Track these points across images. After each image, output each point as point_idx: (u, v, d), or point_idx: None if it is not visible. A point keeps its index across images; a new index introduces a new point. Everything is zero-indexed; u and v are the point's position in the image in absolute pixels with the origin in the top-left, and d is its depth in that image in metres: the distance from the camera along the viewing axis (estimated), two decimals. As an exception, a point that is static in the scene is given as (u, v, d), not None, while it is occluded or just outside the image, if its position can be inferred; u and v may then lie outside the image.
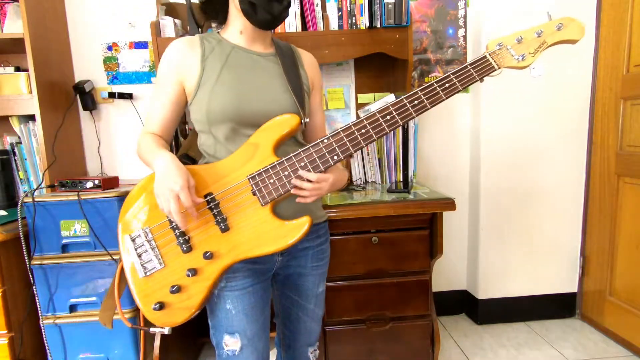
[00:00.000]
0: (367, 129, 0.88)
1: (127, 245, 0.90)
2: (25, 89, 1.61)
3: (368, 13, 1.68)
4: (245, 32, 0.97)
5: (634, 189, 1.75)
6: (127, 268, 0.90)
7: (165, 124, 0.97)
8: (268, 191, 0.88)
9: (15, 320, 1.42)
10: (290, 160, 0.88)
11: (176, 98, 0.96)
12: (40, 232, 1.41)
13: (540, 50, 0.85)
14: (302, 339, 1.10)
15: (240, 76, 0.94)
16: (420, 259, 1.46)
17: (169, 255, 0.88)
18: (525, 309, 2.08)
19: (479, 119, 1.96)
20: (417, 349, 1.51)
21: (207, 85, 0.91)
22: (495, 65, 0.87)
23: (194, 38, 0.97)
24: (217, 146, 0.94)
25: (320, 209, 1.07)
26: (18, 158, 1.72)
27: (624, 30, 1.75)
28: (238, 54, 0.96)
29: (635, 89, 1.72)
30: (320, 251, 1.05)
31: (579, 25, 0.84)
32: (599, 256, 1.95)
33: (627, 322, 1.80)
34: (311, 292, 1.05)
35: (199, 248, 0.87)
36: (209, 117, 0.91)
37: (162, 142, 0.96)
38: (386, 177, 1.82)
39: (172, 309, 0.87)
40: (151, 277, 0.88)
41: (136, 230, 0.90)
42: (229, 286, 0.93)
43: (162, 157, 0.87)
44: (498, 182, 1.99)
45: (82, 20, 1.85)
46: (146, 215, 0.90)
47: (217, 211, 0.88)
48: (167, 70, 0.94)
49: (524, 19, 1.85)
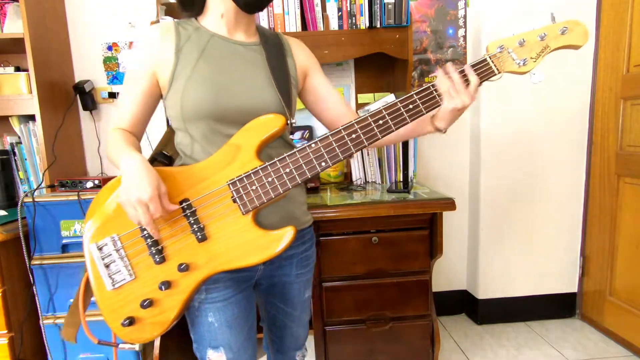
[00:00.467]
0: (358, 134, 0.81)
1: (93, 255, 0.81)
2: (25, 89, 1.61)
3: (368, 13, 1.68)
4: (227, 16, 0.88)
5: (634, 189, 1.75)
6: (93, 279, 0.82)
7: (136, 120, 0.88)
8: (250, 199, 0.80)
9: (15, 320, 1.42)
10: (275, 166, 0.81)
11: (148, 91, 0.87)
12: (40, 232, 1.41)
13: (543, 55, 0.81)
14: (289, 344, 1.06)
15: (218, 68, 0.85)
16: (420, 259, 1.46)
17: (140, 266, 0.81)
18: (525, 309, 2.08)
19: (479, 119, 1.96)
20: (417, 349, 1.51)
21: (182, 78, 0.83)
22: (495, 69, 0.82)
23: (168, 24, 0.87)
24: (194, 146, 0.86)
25: (306, 213, 1.00)
26: (18, 158, 1.72)
27: (624, 30, 1.75)
28: (217, 43, 0.87)
29: (635, 89, 1.72)
30: (305, 257, 0.99)
31: (584, 30, 0.79)
32: (599, 256, 1.95)
33: (627, 322, 1.80)
34: (297, 299, 1.00)
35: (173, 259, 0.80)
36: (183, 113, 0.83)
37: (132, 139, 0.87)
38: (386, 177, 1.82)
39: (143, 325, 0.80)
40: (120, 289, 0.80)
41: (103, 238, 0.81)
42: (210, 298, 0.86)
43: (129, 158, 0.78)
44: (498, 182, 1.99)
45: (82, 20, 1.85)
46: (114, 222, 0.81)
47: (193, 219, 0.80)
48: (139, 61, 0.86)
49: (524, 19, 1.86)
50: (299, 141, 1.86)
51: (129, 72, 0.88)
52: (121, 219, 0.81)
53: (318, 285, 1.46)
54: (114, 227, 0.81)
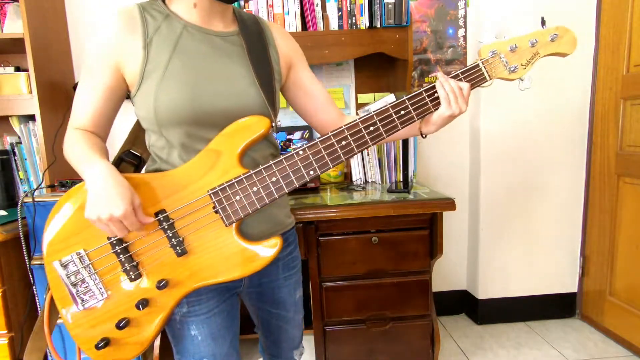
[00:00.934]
0: (348, 140, 0.77)
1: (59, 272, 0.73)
2: (25, 89, 1.61)
3: (368, 13, 1.68)
4: (201, 6, 0.78)
5: (634, 189, 1.75)
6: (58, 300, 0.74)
7: (98, 118, 0.78)
8: (234, 210, 0.74)
9: (15, 320, 1.42)
10: (260, 174, 0.75)
11: (112, 86, 0.76)
12: (41, 232, 1.41)
13: (532, 62, 0.80)
14: (286, 346, 1.03)
15: (194, 65, 0.75)
16: (420, 259, 1.46)
17: (112, 284, 0.73)
18: (525, 309, 2.08)
19: (479, 119, 1.96)
20: (417, 349, 1.51)
21: (153, 78, 0.73)
22: (487, 75, 0.80)
23: (131, 10, 0.76)
24: (170, 150, 0.78)
25: (289, 215, 0.96)
26: (18, 158, 1.72)
27: (624, 30, 1.75)
28: (191, 36, 0.77)
29: (635, 89, 1.72)
30: (291, 259, 0.96)
31: (573, 38, 0.79)
32: (599, 256, 1.95)
33: (627, 322, 1.80)
34: (288, 301, 0.97)
35: (150, 275, 0.74)
36: (157, 118, 0.74)
37: (96, 141, 0.77)
38: (386, 177, 1.82)
39: (120, 345, 0.74)
40: (92, 309, 0.73)
41: (67, 254, 0.73)
42: (193, 311, 0.81)
43: (94, 167, 0.70)
44: (498, 182, 1.98)
45: (82, 20, 1.85)
46: (79, 236, 0.73)
47: (171, 232, 0.74)
48: (98, 52, 0.75)
49: (524, 19, 1.86)
50: (299, 141, 1.86)
51: (88, 64, 0.77)
52: (87, 232, 0.73)
53: (318, 285, 1.46)
54: (79, 242, 0.73)
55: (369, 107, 1.78)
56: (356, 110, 1.98)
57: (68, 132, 0.79)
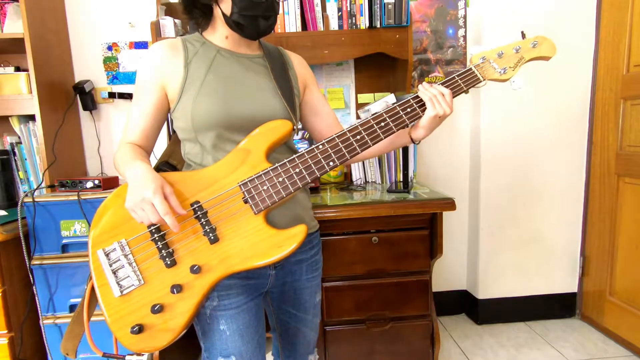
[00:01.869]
0: (362, 135, 0.87)
1: (101, 261, 0.80)
2: (25, 89, 1.61)
3: (368, 13, 1.68)
4: (231, 38, 0.93)
5: (634, 189, 1.75)
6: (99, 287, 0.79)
7: (145, 133, 0.90)
8: (261, 198, 0.82)
9: (15, 320, 1.42)
10: (285, 167, 0.84)
11: (158, 105, 0.89)
12: (40, 232, 1.41)
13: (519, 64, 0.92)
14: (302, 350, 1.07)
15: (226, 79, 0.88)
16: (420, 259, 1.46)
17: (149, 271, 0.79)
18: (526, 309, 2.08)
19: (479, 119, 1.96)
20: (417, 349, 1.51)
21: (192, 91, 0.86)
22: (480, 77, 0.92)
23: (175, 41, 0.91)
24: (204, 154, 0.89)
25: (313, 218, 1.03)
26: (18, 158, 1.72)
27: (624, 30, 1.75)
28: (223, 57, 0.91)
29: (635, 89, 1.72)
30: (314, 262, 1.02)
31: (551, 44, 0.92)
32: (599, 256, 1.95)
33: (627, 322, 1.80)
34: (309, 303, 1.02)
35: (184, 261, 0.80)
36: (194, 123, 0.86)
37: (141, 151, 0.89)
38: (386, 177, 1.82)
39: (153, 332, 0.77)
40: (128, 296, 0.78)
41: (111, 243, 0.80)
42: (222, 305, 0.87)
43: (135, 167, 0.80)
44: (498, 182, 1.99)
45: (82, 20, 1.85)
46: (122, 227, 0.81)
47: (205, 221, 0.81)
48: (148, 75, 0.88)
49: (525, 19, 1.86)
50: (299, 141, 1.86)
51: (138, 86, 0.90)
52: (129, 224, 0.81)
53: (318, 285, 1.46)
54: (121, 232, 0.81)
55: (369, 107, 1.78)
56: (356, 110, 1.98)
57: (118, 146, 0.90)
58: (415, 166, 1.85)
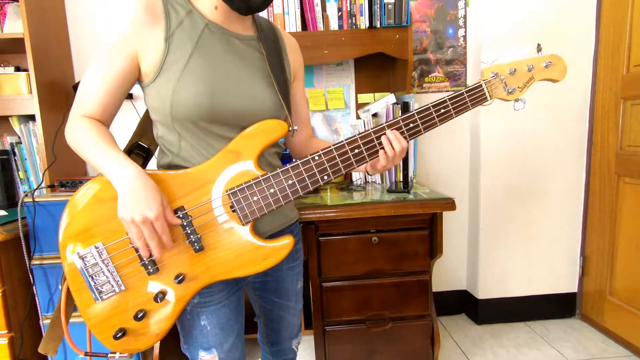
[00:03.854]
0: (360, 149, 0.82)
1: (76, 265, 0.74)
2: (25, 89, 1.61)
3: (368, 13, 1.68)
4: (221, 10, 0.81)
5: (634, 189, 1.75)
6: (75, 291, 0.75)
7: (106, 107, 0.77)
8: (251, 210, 0.78)
9: (15, 320, 1.42)
10: (277, 177, 0.78)
11: (124, 73, 0.76)
12: (40, 232, 1.41)
13: (528, 85, 0.88)
14: (285, 335, 1.08)
15: (214, 64, 0.77)
16: (420, 259, 1.46)
17: (130, 277, 0.75)
18: (525, 309, 2.08)
19: (479, 119, 1.96)
20: (417, 349, 1.51)
21: (173, 72, 0.74)
22: (488, 95, 0.86)
23: (155, 1, 0.76)
24: (182, 144, 0.80)
25: (293, 209, 1.00)
26: (18, 158, 1.72)
27: (624, 30, 1.75)
28: (213, 34, 0.79)
29: (635, 89, 1.72)
30: (295, 251, 1.00)
31: (564, 67, 0.87)
32: (599, 256, 1.95)
33: (627, 322, 1.80)
34: (291, 291, 1.02)
35: (168, 269, 0.76)
36: (173, 112, 0.75)
37: (108, 135, 0.77)
38: (386, 177, 1.82)
39: (137, 335, 0.76)
40: (108, 301, 0.75)
41: (86, 246, 0.73)
42: (202, 302, 0.84)
43: (124, 168, 0.71)
44: (498, 182, 1.98)
45: (82, 20, 1.85)
46: (97, 228, 0.73)
47: (190, 229, 0.76)
48: (117, 38, 0.74)
49: (525, 19, 1.86)
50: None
51: (103, 49, 0.75)
52: (107, 225, 0.74)
53: (318, 285, 1.46)
54: (97, 235, 0.74)
55: (369, 107, 1.78)
56: (356, 110, 1.98)
57: (73, 119, 0.77)
58: (415, 166, 1.85)
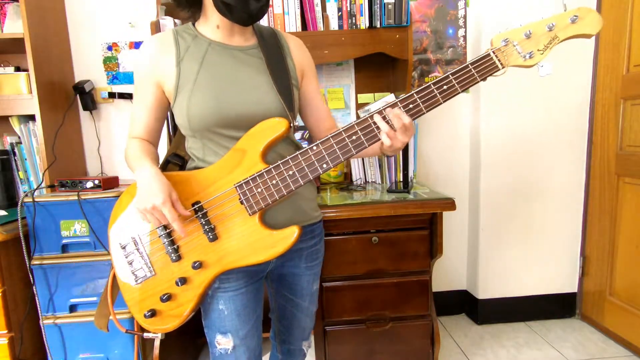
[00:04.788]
0: (358, 135, 0.83)
1: (118, 253, 0.91)
2: (25, 89, 1.61)
3: (368, 13, 1.68)
4: (223, 27, 0.91)
5: (634, 189, 1.75)
6: (119, 275, 0.91)
7: (149, 128, 0.94)
8: (256, 200, 0.85)
9: (15, 320, 1.42)
10: (278, 169, 0.85)
11: (156, 101, 0.92)
12: (40, 232, 1.41)
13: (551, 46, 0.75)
14: (296, 334, 1.10)
15: (219, 77, 0.88)
16: (420, 259, 1.46)
17: (158, 264, 0.88)
18: (525, 309, 2.08)
19: (479, 119, 1.96)
20: (417, 349, 1.51)
21: (185, 91, 0.86)
22: (499, 64, 0.77)
23: (167, 35, 0.90)
24: (205, 150, 0.91)
25: (316, 209, 1.05)
26: (18, 158, 1.72)
27: (624, 30, 1.75)
28: (215, 52, 0.90)
29: (635, 89, 1.72)
30: (315, 251, 1.03)
31: (597, 17, 0.73)
32: (599, 256, 1.95)
33: (627, 322, 1.80)
34: (305, 290, 1.05)
35: (187, 257, 0.87)
36: (190, 123, 0.87)
37: (149, 147, 0.93)
38: (386, 177, 1.82)
39: (163, 317, 0.88)
40: (142, 284, 0.89)
41: (125, 237, 0.90)
42: (222, 287, 0.92)
43: (143, 170, 0.84)
44: (498, 182, 1.98)
45: (82, 20, 1.85)
46: (135, 223, 0.90)
47: (204, 220, 0.86)
48: (143, 73, 0.90)
49: (525, 20, 1.85)
50: (299, 141, 1.87)
51: (136, 83, 0.92)
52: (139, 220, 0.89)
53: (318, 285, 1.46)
54: (134, 228, 0.90)
55: (369, 106, 1.78)
56: (356, 110, 1.98)
57: (127, 141, 0.95)
58: (415, 166, 1.85)
